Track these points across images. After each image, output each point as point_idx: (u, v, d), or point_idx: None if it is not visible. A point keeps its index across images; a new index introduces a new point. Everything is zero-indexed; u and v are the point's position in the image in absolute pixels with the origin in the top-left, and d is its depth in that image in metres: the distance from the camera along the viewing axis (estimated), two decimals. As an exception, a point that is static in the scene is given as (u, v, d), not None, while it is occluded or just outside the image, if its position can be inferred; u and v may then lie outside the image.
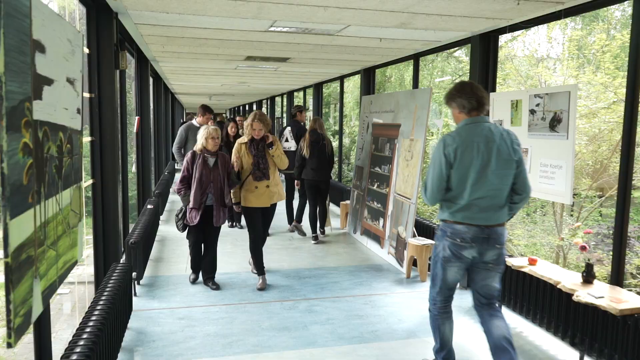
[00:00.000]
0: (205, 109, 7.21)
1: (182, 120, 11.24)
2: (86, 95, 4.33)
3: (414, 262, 5.67)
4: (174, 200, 10.68)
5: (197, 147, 4.92)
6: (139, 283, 5.13)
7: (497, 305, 3.23)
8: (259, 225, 5.20)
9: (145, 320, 4.33)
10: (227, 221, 8.87)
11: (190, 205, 4.89)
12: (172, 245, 6.87)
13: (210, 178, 4.87)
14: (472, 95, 3.07)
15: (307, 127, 7.34)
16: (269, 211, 5.28)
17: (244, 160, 5.09)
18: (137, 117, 7.28)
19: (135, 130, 7.39)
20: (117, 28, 4.62)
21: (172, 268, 5.83)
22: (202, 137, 4.87)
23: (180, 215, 5.05)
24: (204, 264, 5.22)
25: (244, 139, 5.15)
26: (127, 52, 6.15)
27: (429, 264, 5.65)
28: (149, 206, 6.49)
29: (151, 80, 9.53)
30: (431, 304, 3.36)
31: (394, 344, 3.98)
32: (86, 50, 4.32)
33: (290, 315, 4.49)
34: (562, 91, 3.84)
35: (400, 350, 3.87)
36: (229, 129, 7.73)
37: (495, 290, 3.18)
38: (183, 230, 5.08)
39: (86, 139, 4.42)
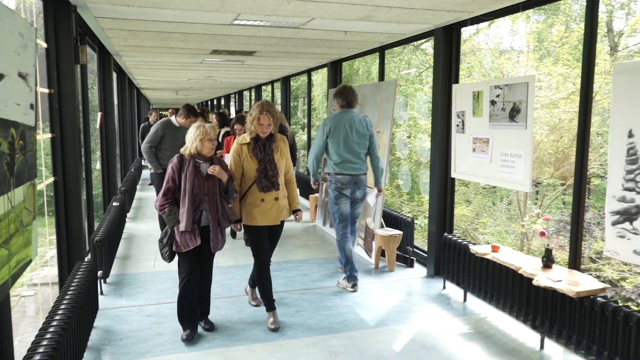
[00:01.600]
0: (190, 111, 6.11)
1: (147, 116, 10.93)
2: (45, 90, 4.22)
3: (382, 253, 5.74)
4: (141, 197, 10.52)
5: (187, 150, 3.75)
6: (105, 281, 5.05)
7: (356, 225, 5.28)
8: (266, 248, 4.14)
9: (113, 318, 4.27)
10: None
11: (182, 227, 3.69)
12: (140, 242, 6.78)
13: (204, 190, 3.73)
14: (345, 98, 4.97)
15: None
16: (277, 231, 4.21)
17: (246, 166, 3.98)
18: (99, 113, 7.13)
19: (98, 126, 7.23)
20: (76, 22, 4.51)
21: (140, 265, 5.76)
22: (196, 139, 3.70)
23: (165, 241, 3.81)
24: (199, 301, 4.03)
25: (245, 137, 4.03)
26: (88, 46, 6.02)
27: (397, 254, 5.76)
28: (114, 203, 6.39)
29: (114, 75, 9.34)
30: (336, 233, 5.07)
31: (362, 333, 4.04)
32: (44, 45, 4.21)
33: (259, 308, 4.50)
34: (520, 82, 3.95)
35: (368, 340, 3.93)
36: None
37: (358, 214, 5.22)
38: (171, 259, 3.87)
39: (46, 136, 4.32)
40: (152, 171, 6.19)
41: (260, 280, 4.16)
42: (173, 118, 6.19)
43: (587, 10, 3.65)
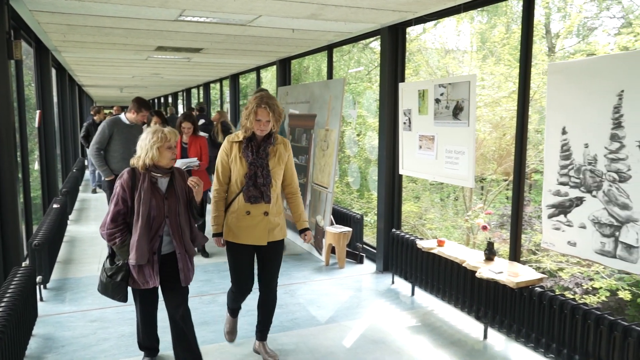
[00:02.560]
0: (141, 104, 5.49)
1: (91, 114, 10.40)
2: (-24, 87, 3.99)
3: (332, 250, 5.78)
4: (84, 198, 10.15)
5: (140, 161, 2.98)
6: (45, 287, 4.85)
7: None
8: (246, 273, 3.47)
9: (54, 325, 4.10)
10: None
11: (133, 260, 2.94)
12: (83, 245, 6.54)
13: (164, 211, 3.00)
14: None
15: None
16: (270, 253, 3.45)
17: (234, 169, 3.30)
18: (38, 111, 6.81)
19: (36, 125, 6.91)
20: (9, 15, 4.29)
21: (83, 269, 5.56)
22: (152, 147, 2.94)
23: (120, 278, 3.01)
24: (180, 353, 3.28)
25: (238, 135, 3.34)
26: (23, 41, 5.73)
27: (347, 251, 5.82)
28: (55, 205, 6.12)
29: (54, 71, 8.95)
30: None
31: (312, 330, 4.06)
32: (-26, 39, 3.98)
33: (209, 309, 4.44)
34: (462, 81, 4.07)
35: (318, 336, 3.96)
36: (151, 124, 6.09)
37: None
38: (126, 299, 3.11)
39: (-22, 135, 4.09)
40: (103, 179, 5.59)
41: (234, 310, 3.68)
42: (122, 115, 5.58)
43: (523, 12, 3.80)
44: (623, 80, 2.81)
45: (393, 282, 5.17)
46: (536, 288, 3.47)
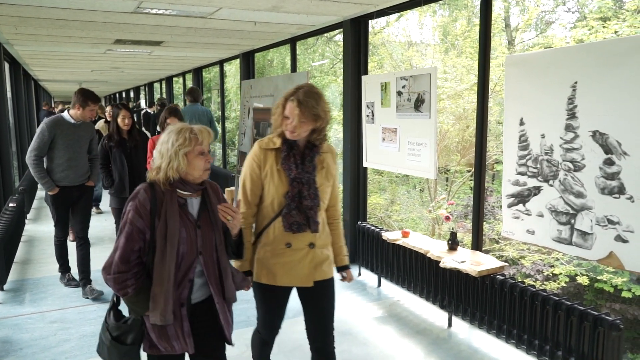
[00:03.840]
0: (87, 96, 4.46)
1: (44, 108, 9.74)
2: None
3: (299, 244, 5.78)
4: (43, 196, 9.83)
5: (160, 174, 2.07)
6: (2, 289, 4.69)
7: None
8: (280, 316, 2.75)
9: (11, 328, 3.97)
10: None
11: (162, 319, 2.04)
12: (42, 245, 6.34)
13: (197, 245, 2.13)
14: (193, 95, 7.22)
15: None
16: (319, 296, 2.66)
17: (268, 186, 2.46)
18: (-10, 107, 6.55)
19: (-11, 122, 6.64)
20: (-44, 6, 4.11)
21: (43, 269, 5.39)
22: (177, 152, 2.04)
23: (128, 339, 2.13)
24: None
25: (273, 140, 2.49)
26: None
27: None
28: (11, 204, 5.92)
29: (7, 65, 8.61)
30: None
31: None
32: None
33: (174, 307, 4.37)
34: (423, 73, 4.11)
35: (286, 331, 3.93)
36: (119, 120, 4.92)
37: None
38: None
39: None
40: (45, 193, 4.85)
41: (258, 357, 2.88)
42: (65, 113, 4.56)
43: (481, 5, 3.85)
44: (576, 72, 2.89)
45: (359, 274, 5.21)
46: (498, 276, 3.55)
